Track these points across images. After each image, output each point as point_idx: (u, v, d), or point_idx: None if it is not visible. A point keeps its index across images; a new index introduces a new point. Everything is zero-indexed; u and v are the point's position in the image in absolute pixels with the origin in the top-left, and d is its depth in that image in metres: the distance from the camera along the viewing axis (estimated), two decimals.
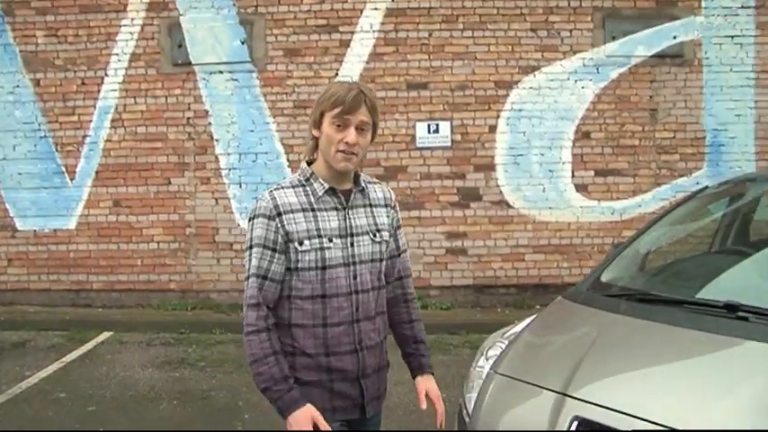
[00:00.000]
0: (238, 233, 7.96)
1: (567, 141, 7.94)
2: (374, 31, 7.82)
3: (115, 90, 7.93)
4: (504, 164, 7.91)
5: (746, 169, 7.90)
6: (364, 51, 7.83)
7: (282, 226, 2.33)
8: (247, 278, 2.36)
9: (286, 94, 7.90)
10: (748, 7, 7.99)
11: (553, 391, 2.60)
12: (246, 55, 7.87)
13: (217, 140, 7.96)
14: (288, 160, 7.92)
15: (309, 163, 2.44)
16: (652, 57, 7.98)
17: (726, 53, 8.05)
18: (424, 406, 2.57)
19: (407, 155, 7.85)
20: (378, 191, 2.54)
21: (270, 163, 7.92)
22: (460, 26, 7.82)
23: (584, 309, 3.21)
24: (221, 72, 7.89)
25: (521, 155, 7.91)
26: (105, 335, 7.34)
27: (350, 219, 2.42)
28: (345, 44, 7.84)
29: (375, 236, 2.47)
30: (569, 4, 7.88)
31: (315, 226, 2.36)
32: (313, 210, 2.37)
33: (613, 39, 7.93)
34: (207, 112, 7.93)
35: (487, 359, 3.32)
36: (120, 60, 7.91)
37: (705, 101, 8.09)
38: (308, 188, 2.39)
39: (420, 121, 7.86)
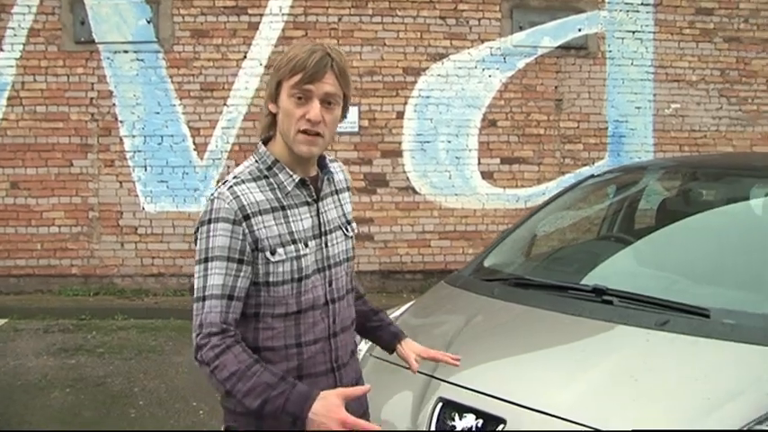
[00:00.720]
0: (143, 217, 7.82)
1: (473, 129, 8.06)
2: (283, 15, 7.75)
3: (12, 66, 7.63)
4: (411, 150, 7.98)
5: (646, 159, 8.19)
6: (273, 35, 7.76)
7: (251, 231, 1.87)
8: (201, 300, 1.86)
9: (193, 75, 7.76)
10: (648, 4, 8.26)
11: (422, 373, 2.66)
12: (152, 35, 7.69)
13: (121, 122, 7.77)
14: (194, 143, 7.80)
15: (265, 142, 2.01)
16: (558, 48, 8.17)
17: (627, 47, 8.31)
18: (416, 369, 2.27)
19: None
20: (338, 171, 2.15)
21: (176, 146, 7.79)
22: (370, 12, 7.83)
23: (462, 293, 3.29)
24: (126, 51, 7.69)
25: (428, 142, 8.00)
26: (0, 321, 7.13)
27: (322, 213, 2.02)
28: (254, 27, 7.75)
29: (347, 230, 2.11)
30: None
31: (287, 229, 1.93)
32: (283, 208, 1.94)
33: (521, 29, 8.08)
34: (111, 92, 7.73)
35: (366, 342, 3.37)
36: (16, 35, 7.60)
37: (608, 93, 8.34)
38: (272, 180, 1.95)
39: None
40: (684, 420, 2.24)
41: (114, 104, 7.74)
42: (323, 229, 2.02)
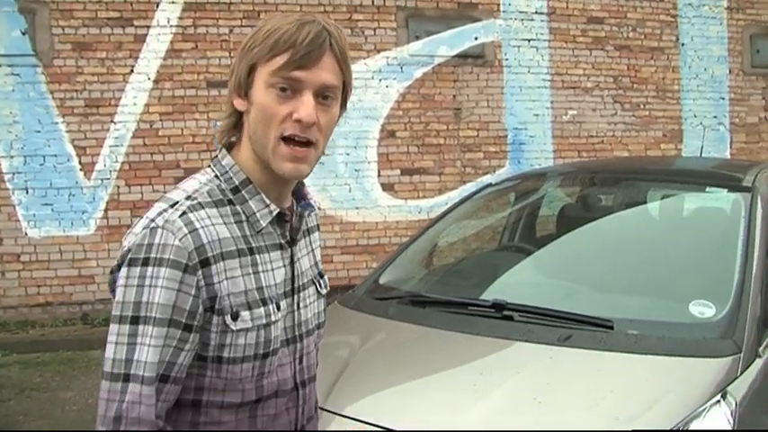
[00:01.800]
0: (26, 243, 7.29)
1: (372, 140, 7.92)
2: (171, 26, 7.41)
3: None
4: None
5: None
6: (161, 47, 7.41)
7: (208, 284, 1.31)
8: (122, 379, 1.27)
9: (76, 91, 7.31)
10: (542, 13, 8.34)
11: None
12: (29, 47, 7.20)
13: None
14: (80, 163, 7.33)
15: (229, 148, 1.44)
16: (455, 57, 8.13)
17: (523, 55, 8.35)
18: None
19: (209, 156, 7.51)
20: (314, 203, 1.59)
21: (60, 166, 7.30)
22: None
23: (355, 314, 3.10)
24: (0, 65, 7.19)
25: (326, 155, 7.73)
26: None
27: (296, 262, 1.47)
28: (141, 39, 7.37)
29: (320, 285, 1.58)
30: (373, 3, 7.85)
31: (256, 283, 1.37)
32: (251, 251, 1.38)
33: (417, 38, 8.00)
34: None
35: None
36: None
37: (506, 100, 8.35)
38: (239, 208, 1.38)
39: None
40: None
41: None
42: (296, 284, 1.46)
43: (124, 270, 1.30)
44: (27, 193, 7.29)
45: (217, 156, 1.44)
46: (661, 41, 8.87)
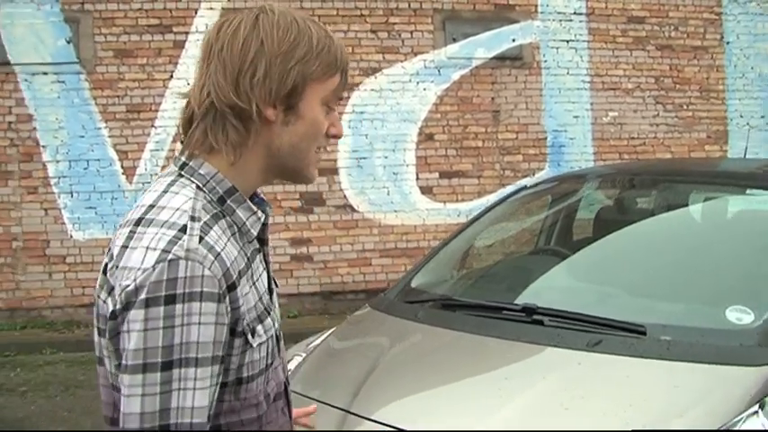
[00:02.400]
0: (71, 245, 7.45)
1: (410, 144, 7.91)
2: None
3: None
4: (348, 167, 7.79)
5: None
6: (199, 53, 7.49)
7: (234, 308, 1.22)
8: (169, 429, 1.14)
9: (118, 97, 7.45)
10: (581, 14, 8.25)
11: (338, 408, 2.46)
12: (73, 55, 7.36)
13: (44, 147, 7.40)
14: (122, 167, 7.48)
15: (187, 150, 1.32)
16: (492, 59, 8.08)
17: (562, 56, 8.26)
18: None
19: None
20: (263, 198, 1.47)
21: (103, 170, 7.45)
22: None
23: (384, 317, 3.09)
24: (45, 73, 7.34)
25: (364, 158, 7.82)
26: None
27: (269, 262, 1.43)
28: (180, 45, 7.48)
29: (275, 283, 1.47)
30: (409, 6, 7.85)
31: (258, 294, 1.31)
32: (248, 263, 1.30)
33: (454, 41, 7.97)
34: (31, 116, 7.36)
35: (290, 373, 3.15)
36: None
37: (545, 102, 8.27)
38: (230, 219, 1.29)
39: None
40: None
41: (35, 128, 7.38)
42: (271, 285, 1.41)
43: (139, 312, 1.14)
44: (72, 196, 7.44)
45: (188, 164, 1.30)
46: (704, 40, 8.70)
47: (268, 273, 1.39)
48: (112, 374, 1.25)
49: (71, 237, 7.46)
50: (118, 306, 1.17)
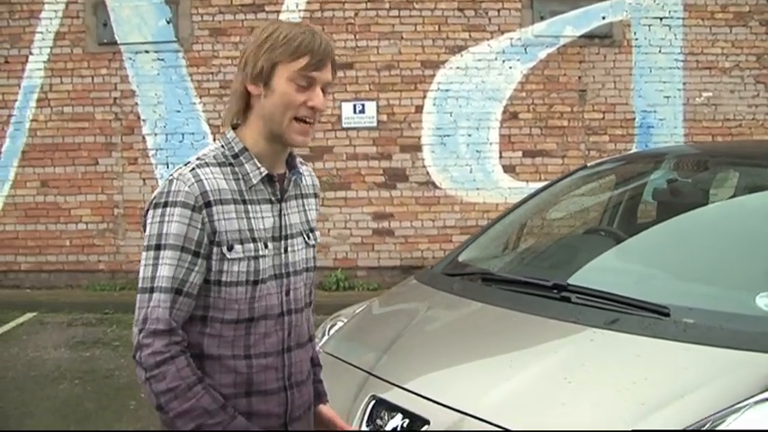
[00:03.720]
0: None
1: (494, 122, 7.94)
2: (300, 11, 7.77)
3: (40, 69, 7.85)
4: (431, 144, 7.90)
5: None
6: None
7: (210, 221, 1.70)
8: (148, 291, 1.67)
9: (212, 74, 7.84)
10: None
11: (362, 369, 2.62)
12: (172, 34, 7.80)
13: (144, 120, 7.90)
14: (214, 140, 7.83)
15: (234, 127, 1.81)
16: (581, 37, 7.99)
17: (654, 34, 8.06)
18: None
19: (333, 135, 7.83)
20: (307, 176, 1.95)
21: (196, 143, 7.86)
22: (387, 5, 7.78)
23: (424, 288, 3.23)
24: (147, 52, 7.82)
25: (447, 135, 7.91)
26: (28, 315, 7.30)
27: (284, 215, 1.84)
28: None
29: (309, 237, 1.91)
30: None
31: (247, 225, 1.75)
32: (244, 201, 1.76)
33: (542, 19, 7.92)
34: (133, 92, 7.87)
35: (329, 337, 3.34)
36: (44, 39, 7.81)
37: (634, 82, 8.12)
38: (237, 169, 1.76)
39: (346, 101, 7.84)
40: (613, 426, 2.14)
41: (137, 103, 7.88)
42: (283, 233, 1.83)
43: (150, 212, 1.72)
44: (168, 167, 7.91)
45: (226, 134, 1.83)
46: None
47: (280, 222, 1.83)
48: None
49: None
50: (145, 209, 1.77)
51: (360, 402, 2.47)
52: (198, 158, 1.77)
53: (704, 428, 2.10)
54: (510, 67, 7.92)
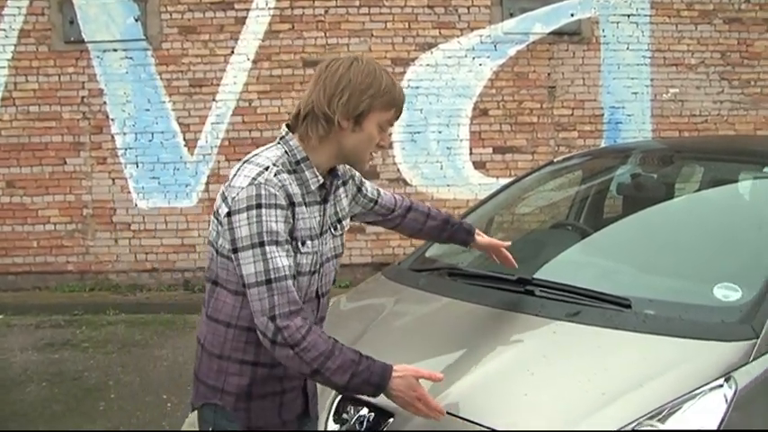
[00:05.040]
0: (136, 213, 7.86)
1: (464, 119, 7.97)
2: (270, 9, 7.72)
3: (4, 67, 7.70)
4: (402, 141, 7.91)
5: None
6: (260, 29, 7.73)
7: (294, 219, 1.99)
8: (266, 283, 1.89)
9: (181, 72, 7.77)
10: None
11: None
12: (141, 33, 7.71)
13: (112, 120, 7.81)
14: (184, 139, 7.82)
15: (290, 128, 2.07)
16: (550, 34, 8.02)
17: (622, 31, 8.13)
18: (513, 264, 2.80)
19: None
20: (338, 169, 2.20)
21: (166, 142, 7.81)
22: (357, 3, 7.77)
23: (390, 284, 3.24)
24: (115, 50, 7.73)
25: (418, 132, 7.92)
26: None
27: (324, 215, 2.13)
28: (241, 21, 7.73)
29: (336, 229, 2.19)
30: None
31: (310, 224, 2.05)
32: (306, 204, 2.04)
33: (511, 16, 7.94)
34: (101, 90, 7.77)
35: None
36: (7, 37, 7.67)
37: (603, 78, 8.17)
38: (299, 175, 2.03)
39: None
40: (574, 415, 2.17)
41: (105, 102, 7.78)
42: (323, 229, 2.12)
43: (244, 214, 1.93)
44: (137, 167, 7.84)
45: (284, 137, 2.07)
46: None
47: (322, 221, 2.11)
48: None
49: (136, 205, 7.87)
50: (232, 208, 1.95)
51: (326, 398, 2.48)
52: (274, 164, 2.00)
53: (662, 415, 2.14)
54: (480, 64, 7.95)
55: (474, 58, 7.95)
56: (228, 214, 1.95)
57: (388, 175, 7.92)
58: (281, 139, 2.07)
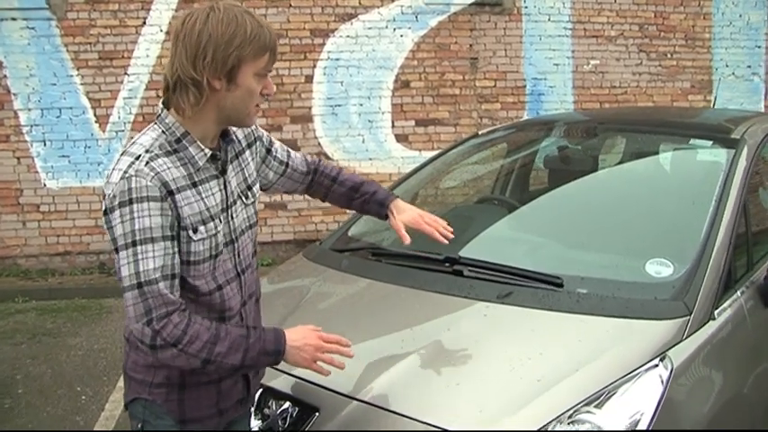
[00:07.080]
0: (45, 194, 7.45)
1: (386, 91, 7.82)
2: None
3: None
4: (322, 115, 7.72)
5: None
6: None
7: (175, 208, 1.79)
8: (138, 286, 1.74)
9: (90, 44, 7.36)
10: None
11: None
12: (42, 1, 7.25)
13: (15, 95, 7.34)
14: (95, 115, 7.42)
15: (165, 106, 1.86)
16: (471, 5, 7.93)
17: (543, 3, 8.11)
18: (407, 241, 2.39)
19: None
20: (237, 132, 2.02)
21: (76, 119, 7.40)
22: None
23: (311, 265, 3.08)
24: (14, 19, 7.23)
25: (339, 105, 7.74)
26: None
27: (228, 185, 1.94)
28: None
29: (247, 197, 2.02)
30: None
31: (204, 206, 1.85)
32: (194, 184, 1.84)
33: None
34: (1, 63, 7.30)
35: None
36: None
37: (525, 50, 8.15)
38: (182, 154, 1.83)
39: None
40: (510, 405, 2.07)
41: (5, 76, 7.30)
42: (228, 202, 1.95)
43: (116, 212, 1.75)
44: (45, 145, 7.42)
45: (159, 115, 1.88)
46: None
47: (225, 194, 1.93)
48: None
49: (45, 185, 7.46)
50: (108, 206, 1.78)
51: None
52: (147, 151, 1.81)
53: (599, 401, 2.06)
54: (401, 36, 7.79)
55: (395, 30, 7.79)
56: (105, 213, 1.79)
57: (309, 149, 7.72)
58: (157, 118, 1.88)
